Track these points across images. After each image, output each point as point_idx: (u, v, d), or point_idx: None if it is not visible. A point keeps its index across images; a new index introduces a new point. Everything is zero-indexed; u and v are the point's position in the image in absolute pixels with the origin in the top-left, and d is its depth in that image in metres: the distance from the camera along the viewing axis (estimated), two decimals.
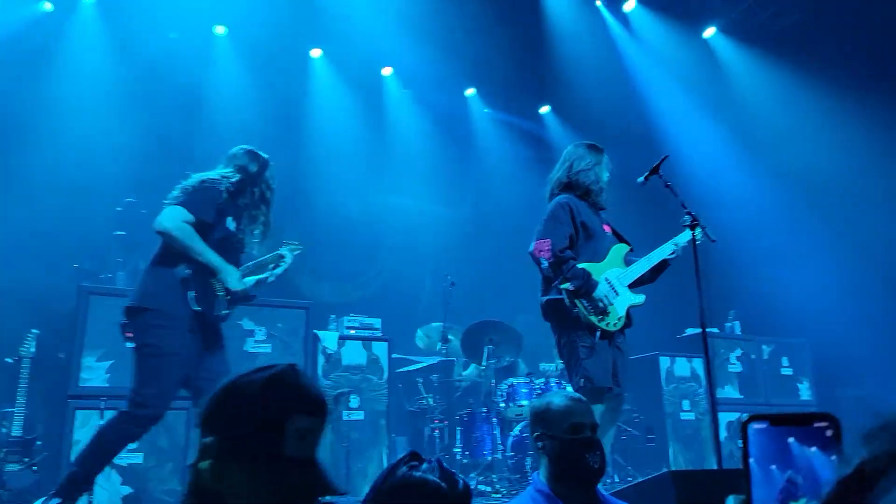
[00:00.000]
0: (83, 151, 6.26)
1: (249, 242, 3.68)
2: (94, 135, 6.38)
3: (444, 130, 8.65)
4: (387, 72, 8.46)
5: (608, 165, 3.96)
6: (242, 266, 3.67)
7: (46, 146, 6.23)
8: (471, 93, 9.01)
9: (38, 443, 4.45)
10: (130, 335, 3.36)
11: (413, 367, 6.43)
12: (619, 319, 3.69)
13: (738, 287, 7.12)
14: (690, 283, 3.55)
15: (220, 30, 7.46)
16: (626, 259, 3.86)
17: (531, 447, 2.75)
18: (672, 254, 3.84)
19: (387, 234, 8.23)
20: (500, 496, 4.80)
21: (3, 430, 4.33)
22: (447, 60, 7.69)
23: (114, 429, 3.23)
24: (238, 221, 3.61)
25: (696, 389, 6.57)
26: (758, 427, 0.78)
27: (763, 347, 7.16)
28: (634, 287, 3.81)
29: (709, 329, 3.56)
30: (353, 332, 5.56)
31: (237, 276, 3.49)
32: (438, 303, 6.51)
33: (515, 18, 7.70)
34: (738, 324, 7.16)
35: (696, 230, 3.67)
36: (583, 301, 3.59)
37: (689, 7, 7.80)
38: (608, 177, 3.94)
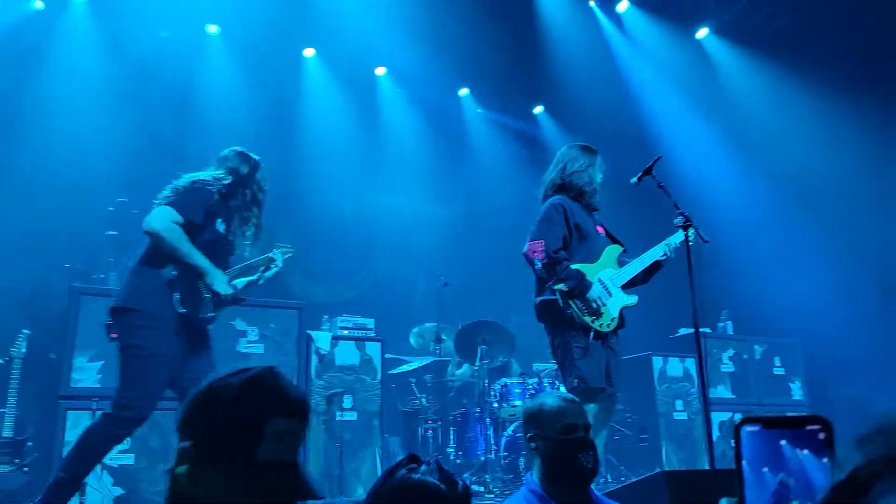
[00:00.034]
0: (75, 150, 6.22)
1: (240, 244, 3.65)
2: (86, 134, 6.34)
3: (438, 130, 8.64)
4: (380, 71, 8.45)
5: (602, 167, 3.98)
6: (232, 268, 3.64)
7: (38, 145, 6.19)
8: (464, 93, 9.01)
9: (30, 444, 4.42)
10: (115, 336, 3.32)
11: (406, 368, 6.42)
12: (613, 320, 3.70)
13: (731, 287, 7.13)
14: (683, 284, 3.56)
15: (213, 29, 7.44)
16: (620, 260, 3.87)
17: (524, 448, 2.75)
18: (664, 255, 3.86)
19: (380, 234, 8.22)
20: (494, 496, 4.80)
21: None
22: (440, 60, 7.68)
23: (98, 431, 3.19)
24: (228, 223, 3.59)
25: (689, 389, 6.59)
26: (751, 429, 0.78)
27: (755, 347, 7.19)
28: (627, 288, 3.83)
29: (701, 329, 3.56)
30: (347, 333, 5.54)
31: (225, 280, 3.45)
32: (432, 303, 6.50)
33: (509, 18, 7.70)
34: (731, 324, 7.19)
35: (689, 231, 3.68)
36: (576, 302, 3.60)
37: (682, 8, 7.82)
38: (601, 178, 3.97)
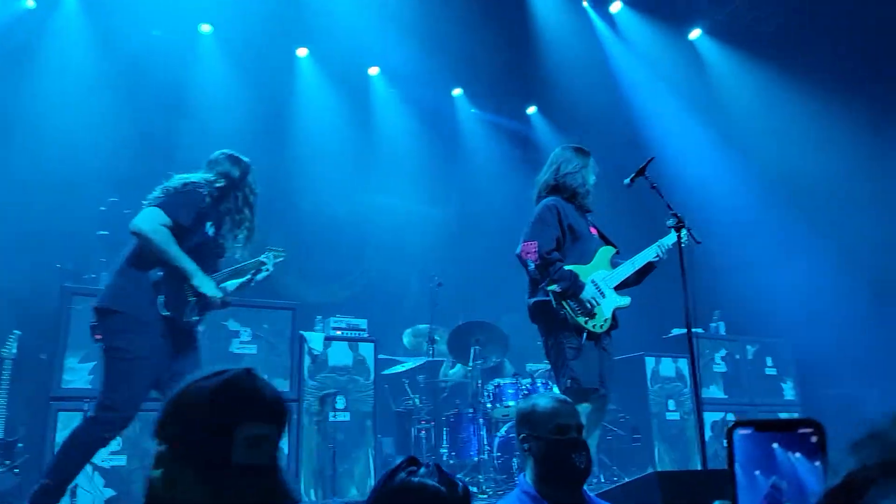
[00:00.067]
0: (66, 149, 6.19)
1: (231, 247, 3.62)
2: (78, 133, 6.30)
3: (431, 130, 8.63)
4: (373, 71, 8.44)
5: (595, 168, 3.99)
6: (222, 270, 3.60)
7: (29, 144, 6.16)
8: (458, 93, 9.01)
9: (20, 445, 4.40)
10: (99, 337, 3.28)
11: (400, 369, 6.42)
12: (606, 321, 3.71)
13: (723, 287, 7.15)
14: (676, 284, 3.56)
15: (206, 28, 7.41)
16: (613, 261, 3.88)
17: (517, 448, 2.75)
18: (656, 257, 3.87)
19: (373, 234, 8.21)
20: (487, 497, 4.80)
21: None
22: (434, 60, 7.68)
23: (84, 435, 3.15)
24: (218, 227, 3.55)
25: (682, 389, 6.61)
26: (743, 432, 0.78)
27: (747, 347, 7.21)
28: (620, 289, 3.84)
29: (694, 329, 3.57)
30: (340, 333, 5.53)
31: (212, 283, 3.41)
32: (425, 303, 6.49)
33: (502, 19, 7.69)
34: (723, 324, 7.21)
35: (682, 232, 3.69)
36: (570, 302, 3.60)
37: (675, 9, 7.83)
38: (595, 180, 3.98)
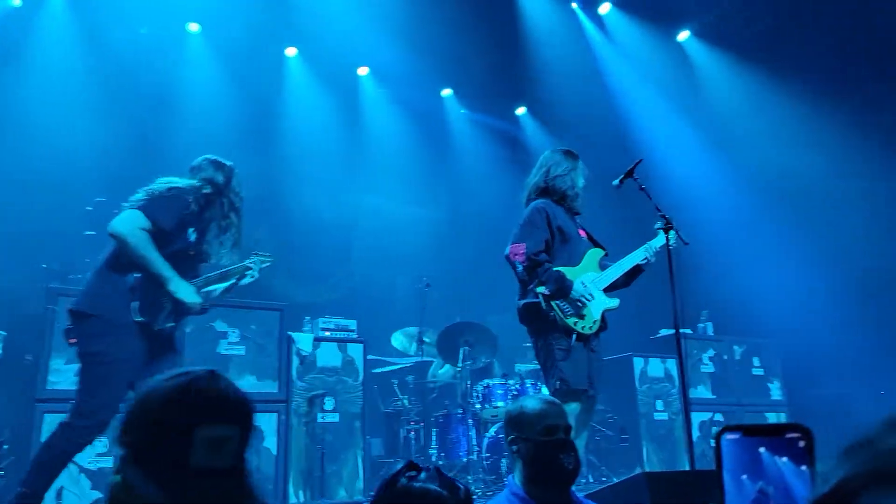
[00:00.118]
0: (52, 149, 6.14)
1: (217, 252, 3.58)
2: (64, 132, 6.25)
3: (421, 131, 8.63)
4: (363, 71, 8.42)
5: (584, 171, 4.00)
6: (206, 275, 3.56)
7: (15, 144, 6.09)
8: (447, 93, 9.01)
9: (5, 447, 4.36)
10: (74, 341, 3.22)
11: (389, 368, 6.41)
12: (595, 323, 3.71)
13: (711, 288, 7.19)
14: (664, 285, 3.58)
15: (194, 27, 7.37)
16: (601, 264, 3.89)
17: (506, 449, 2.76)
18: (644, 260, 3.87)
19: (362, 235, 8.20)
20: (476, 498, 4.80)
21: None
22: (423, 61, 7.67)
23: (62, 442, 3.09)
24: (201, 233, 3.52)
25: (670, 390, 6.64)
26: (731, 437, 0.78)
27: (735, 348, 7.25)
28: (609, 291, 3.85)
29: (682, 330, 3.59)
30: (328, 334, 5.51)
31: (191, 289, 3.36)
32: (414, 304, 6.49)
33: (491, 20, 7.70)
34: (711, 325, 7.24)
35: (670, 233, 3.71)
36: (559, 304, 3.61)
37: (664, 11, 7.86)
38: (584, 182, 3.99)
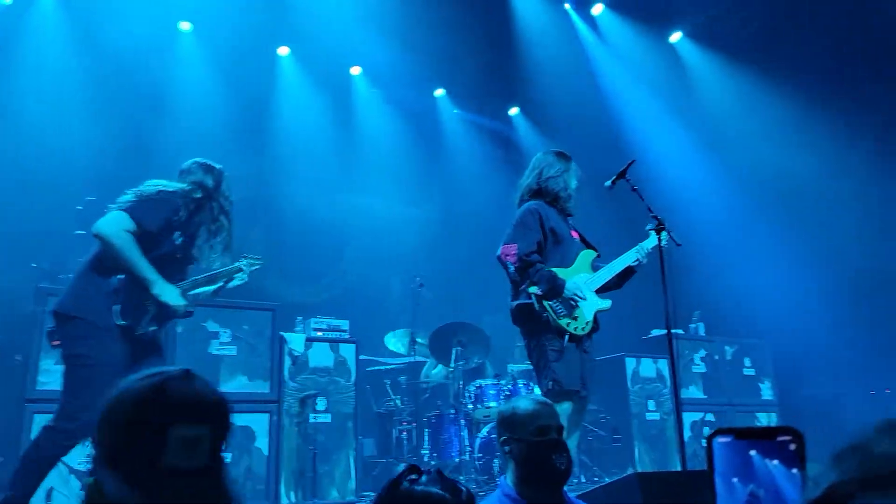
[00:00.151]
0: (43, 148, 6.11)
1: (208, 257, 3.56)
2: (55, 131, 6.22)
3: (414, 131, 8.62)
4: (355, 71, 8.41)
5: (576, 173, 4.01)
6: (191, 278, 3.54)
7: (5, 142, 6.05)
8: (440, 93, 9.00)
9: None
10: (58, 343, 3.19)
11: (383, 367, 6.39)
12: (587, 324, 3.72)
13: (703, 289, 7.21)
14: (656, 285, 3.59)
15: (185, 26, 7.33)
16: (594, 265, 3.90)
17: (498, 449, 2.76)
18: (636, 261, 3.88)
19: (355, 235, 8.18)
20: None
21: None
22: (416, 61, 7.66)
23: (48, 446, 3.06)
24: (189, 237, 3.49)
25: (662, 390, 6.66)
26: (723, 440, 0.78)
27: (726, 348, 7.28)
28: (602, 293, 3.85)
29: (673, 330, 3.60)
30: (321, 334, 5.50)
31: (175, 292, 3.34)
32: (407, 304, 6.48)
33: (484, 20, 7.70)
34: (703, 325, 7.26)
35: (662, 234, 3.71)
36: (552, 304, 3.61)
37: (656, 12, 7.88)
38: (576, 184, 3.99)
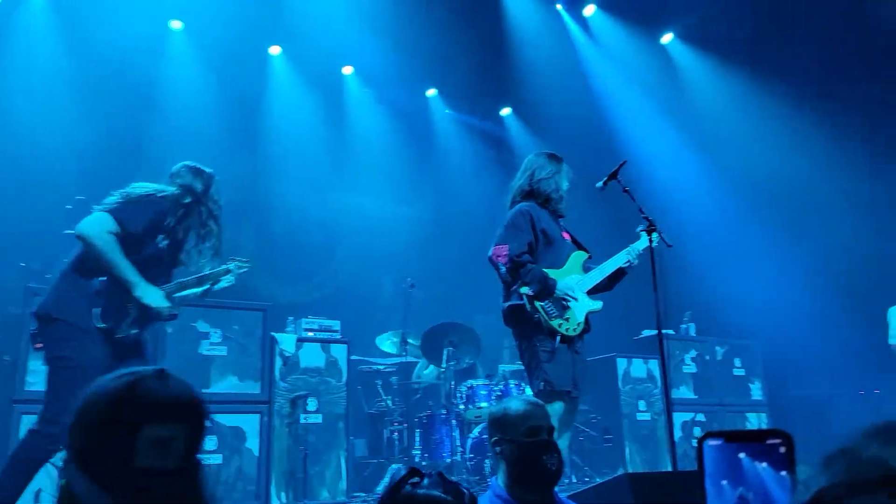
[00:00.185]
0: (33, 146, 6.07)
1: (197, 261, 3.54)
2: (45, 130, 6.19)
3: (406, 131, 8.62)
4: (347, 71, 8.40)
5: (568, 174, 4.02)
6: (179, 280, 3.52)
7: None
8: (432, 93, 9.00)
9: None
10: (41, 346, 3.16)
11: (375, 368, 6.37)
12: (579, 325, 3.72)
13: (694, 289, 7.24)
14: (647, 286, 3.60)
15: (177, 24, 7.30)
16: (585, 266, 3.91)
17: (489, 451, 2.76)
18: (627, 263, 3.88)
19: (346, 235, 8.16)
20: None
21: None
22: (408, 61, 7.66)
23: (35, 449, 3.02)
24: (175, 240, 3.47)
25: (652, 390, 6.67)
26: (713, 443, 0.78)
27: (716, 349, 7.30)
28: (593, 294, 3.86)
29: (664, 331, 3.61)
30: (312, 335, 5.48)
31: (158, 294, 3.31)
32: (398, 304, 6.47)
33: (476, 21, 7.70)
34: (693, 325, 7.29)
35: (653, 235, 3.73)
36: (543, 305, 3.62)
37: (648, 13, 7.91)
38: (568, 185, 4.00)
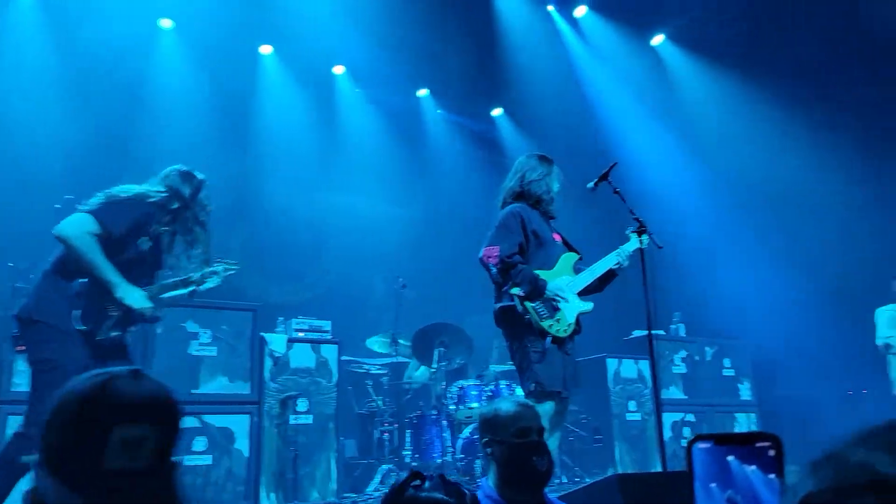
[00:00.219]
0: (21, 146, 6.03)
1: (186, 267, 3.52)
2: (33, 129, 6.15)
3: (397, 131, 8.61)
4: (338, 70, 8.38)
5: (559, 176, 4.03)
6: (162, 282, 3.49)
7: None
8: (423, 93, 9.00)
9: None
10: (22, 348, 3.15)
11: (372, 370, 6.34)
12: (569, 326, 3.73)
13: (684, 289, 7.27)
14: (637, 287, 3.61)
15: (166, 23, 7.26)
16: (576, 267, 3.91)
17: (480, 451, 2.77)
18: (617, 264, 3.89)
19: (337, 235, 8.14)
20: None
21: None
22: (400, 61, 7.66)
23: (14, 452, 3.00)
24: (158, 243, 3.45)
25: (643, 390, 6.68)
26: (703, 446, 0.78)
27: (706, 349, 7.32)
28: (583, 295, 3.86)
29: (654, 331, 3.62)
30: (302, 335, 5.46)
31: (140, 294, 3.28)
32: (390, 305, 6.46)
33: (468, 21, 7.71)
34: (683, 326, 7.30)
35: (643, 237, 3.74)
36: (534, 306, 3.62)
37: (639, 14, 7.93)
38: (558, 187, 4.01)
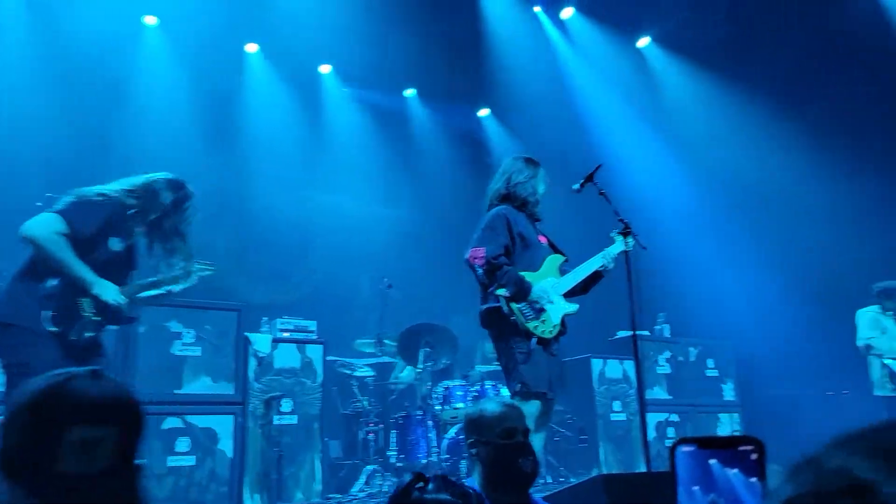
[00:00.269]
0: (2, 142, 5.94)
1: (167, 274, 3.47)
2: (13, 126, 6.07)
3: (383, 130, 8.60)
4: (325, 69, 8.35)
5: (545, 178, 4.05)
6: (136, 282, 3.45)
7: None
8: (410, 93, 8.99)
9: None
10: None
11: (362, 373, 6.31)
12: (555, 327, 3.74)
13: (668, 290, 7.31)
14: (622, 287, 3.63)
15: (151, 20, 7.20)
16: (561, 269, 3.92)
17: (465, 452, 2.77)
18: (602, 266, 3.90)
19: (323, 235, 8.11)
20: None
21: None
22: (387, 60, 7.64)
23: None
24: (131, 244, 3.42)
25: (627, 391, 6.72)
26: (686, 450, 0.78)
27: (690, 349, 7.37)
28: (569, 297, 3.88)
29: (639, 332, 3.64)
30: (287, 335, 5.43)
31: (114, 289, 3.22)
32: (376, 305, 6.45)
33: (454, 22, 7.71)
34: (668, 326, 7.34)
35: (629, 238, 3.76)
36: (520, 307, 3.63)
37: (625, 17, 7.96)
38: (544, 189, 4.03)
